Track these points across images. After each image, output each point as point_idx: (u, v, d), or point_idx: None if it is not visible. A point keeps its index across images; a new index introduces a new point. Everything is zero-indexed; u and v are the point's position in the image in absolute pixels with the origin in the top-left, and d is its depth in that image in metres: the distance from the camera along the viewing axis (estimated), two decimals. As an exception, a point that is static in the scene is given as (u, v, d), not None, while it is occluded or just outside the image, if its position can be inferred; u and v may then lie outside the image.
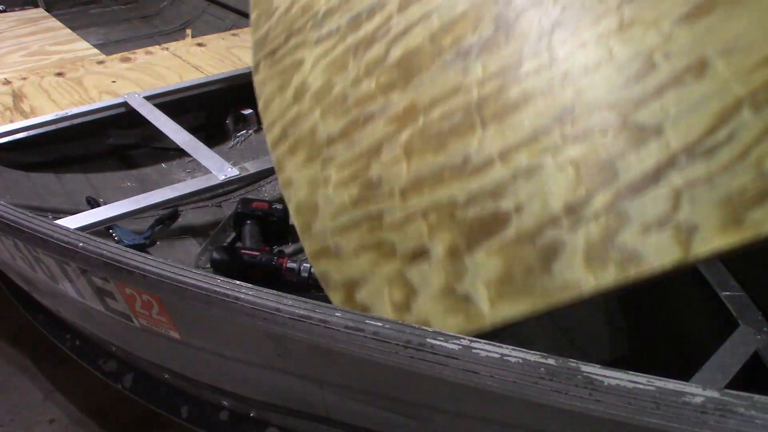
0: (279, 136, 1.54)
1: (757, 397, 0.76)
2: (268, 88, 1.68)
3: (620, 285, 0.96)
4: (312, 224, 1.33)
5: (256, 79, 1.75)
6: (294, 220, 1.37)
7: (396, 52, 1.44)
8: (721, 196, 0.92)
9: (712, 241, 0.91)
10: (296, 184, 1.42)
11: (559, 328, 1.91)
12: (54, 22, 3.72)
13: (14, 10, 3.95)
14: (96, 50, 3.29)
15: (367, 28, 1.55)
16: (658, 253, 0.94)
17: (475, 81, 1.27)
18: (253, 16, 1.96)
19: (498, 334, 1.07)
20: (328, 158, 1.40)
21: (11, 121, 2.43)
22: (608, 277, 0.96)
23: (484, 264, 1.08)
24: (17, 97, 2.65)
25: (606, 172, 1.03)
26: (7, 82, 2.78)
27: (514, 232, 1.07)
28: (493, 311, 1.04)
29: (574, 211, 1.03)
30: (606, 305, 1.92)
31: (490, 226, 1.10)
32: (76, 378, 2.21)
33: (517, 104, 1.19)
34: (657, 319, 1.78)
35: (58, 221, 1.73)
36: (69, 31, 3.59)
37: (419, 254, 1.16)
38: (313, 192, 1.38)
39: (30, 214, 1.33)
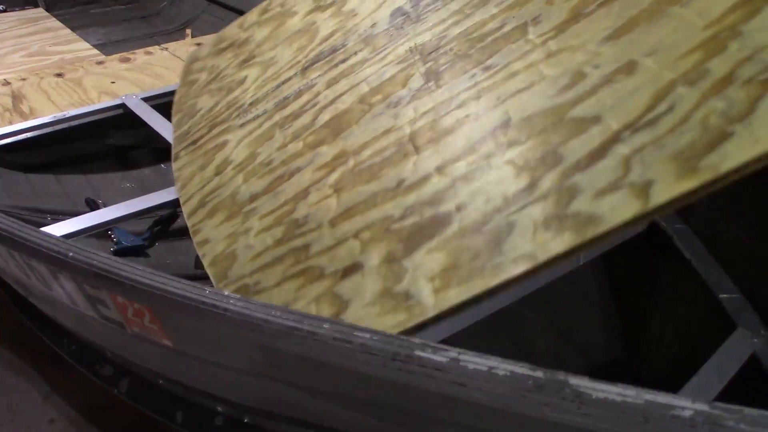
0: (197, 206, 1.58)
1: (747, 410, 0.75)
2: (188, 170, 1.74)
3: (579, 247, 0.96)
4: (228, 271, 1.34)
5: (176, 166, 1.81)
6: (209, 272, 1.38)
7: (324, 117, 1.52)
8: (671, 152, 0.96)
9: (670, 189, 0.93)
10: (213, 241, 1.44)
11: (559, 330, 1.91)
12: (54, 22, 3.73)
13: (14, 10, 3.96)
14: (96, 50, 3.30)
15: (295, 105, 1.64)
16: (616, 211, 0.95)
17: (407, 121, 1.33)
18: (175, 119, 2.05)
19: (497, 335, 1.08)
20: (250, 212, 1.43)
21: (10, 123, 2.44)
22: (564, 242, 0.97)
23: (425, 262, 1.08)
24: (16, 98, 2.65)
25: (550, 160, 1.07)
26: (6, 83, 2.78)
27: (458, 227, 1.09)
28: (438, 301, 1.03)
29: (520, 196, 1.06)
30: (605, 306, 1.91)
31: (429, 229, 1.12)
32: (75, 379, 2.21)
33: (452, 128, 1.26)
34: (655, 321, 1.77)
35: (57, 224, 1.73)
36: (69, 31, 3.59)
37: (351, 270, 1.16)
38: (231, 244, 1.40)
39: (20, 223, 1.33)
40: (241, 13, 3.83)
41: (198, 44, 3.21)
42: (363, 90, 1.51)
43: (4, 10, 3.93)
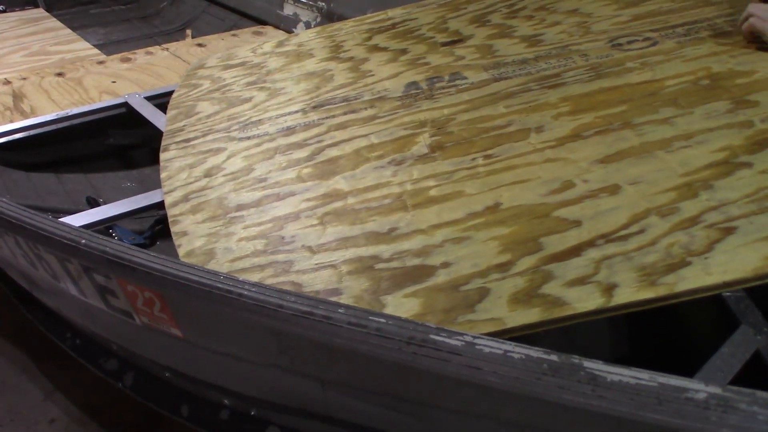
0: (180, 199, 1.62)
1: (759, 393, 0.76)
2: (177, 163, 1.79)
3: (544, 323, 1.09)
4: (204, 265, 1.36)
5: (164, 156, 1.85)
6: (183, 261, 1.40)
7: (327, 154, 1.64)
8: (636, 265, 1.12)
9: (631, 295, 1.08)
10: (192, 235, 1.47)
11: (559, 330, 1.91)
12: (54, 23, 3.74)
13: (15, 11, 3.96)
14: (96, 50, 3.30)
15: (300, 136, 1.75)
16: (581, 301, 1.09)
17: (407, 179, 1.48)
18: (170, 113, 2.14)
19: (498, 334, 1.11)
20: (236, 219, 1.49)
21: (11, 121, 2.44)
22: (532, 316, 1.09)
23: (402, 303, 1.17)
24: (17, 97, 2.65)
25: (531, 246, 1.22)
26: (7, 82, 2.78)
27: (440, 281, 1.20)
28: None
29: (500, 269, 1.19)
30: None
31: (412, 276, 1.22)
32: (76, 378, 2.21)
33: (447, 197, 1.40)
34: (657, 319, 1.78)
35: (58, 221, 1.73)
36: (69, 31, 3.60)
37: (330, 293, 1.22)
38: (211, 243, 1.43)
39: (32, 212, 1.33)
40: (241, 13, 3.86)
41: (199, 44, 3.22)
42: (367, 142, 1.66)
43: (5, 11, 3.93)
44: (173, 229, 1.51)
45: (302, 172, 1.59)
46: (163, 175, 1.75)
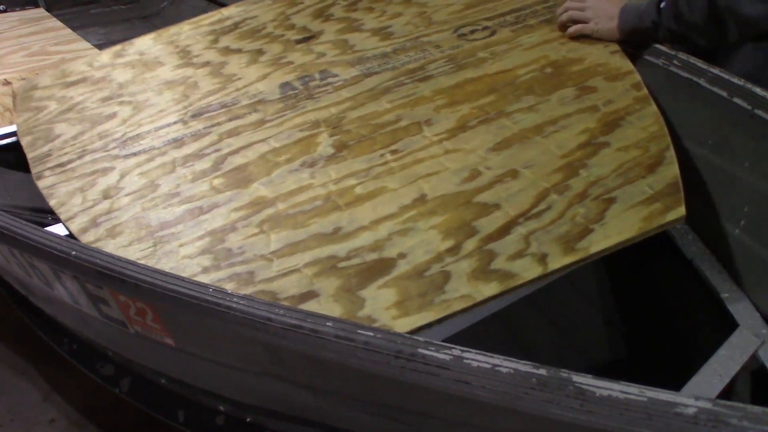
0: (89, 224, 1.53)
1: (750, 407, 0.75)
2: (63, 189, 1.68)
3: (504, 293, 1.22)
4: None
5: (43, 184, 1.74)
6: None
7: (233, 161, 1.63)
8: (555, 236, 1.31)
9: (560, 261, 1.26)
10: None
11: (559, 330, 1.91)
12: (54, 22, 3.72)
13: (15, 10, 3.94)
14: (96, 50, 3.28)
15: (192, 147, 1.71)
16: (526, 271, 1.25)
17: (328, 181, 1.52)
18: (25, 140, 2.01)
19: (497, 335, 1.12)
20: (167, 236, 1.43)
21: (11, 123, 2.43)
22: (494, 288, 1.22)
23: (379, 295, 1.22)
24: (17, 97, 2.64)
25: (467, 230, 1.35)
26: (7, 82, 2.78)
27: (403, 270, 1.28)
28: (399, 325, 1.18)
29: (451, 253, 1.30)
30: (605, 306, 1.92)
31: (376, 269, 1.28)
32: (75, 379, 2.21)
33: (374, 194, 1.47)
34: (656, 320, 1.77)
35: (58, 225, 1.73)
36: (69, 31, 3.58)
37: (307, 296, 1.24)
38: (154, 264, 1.36)
39: (23, 222, 1.32)
40: (241, 13, 3.83)
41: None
42: (269, 147, 1.66)
43: (5, 10, 3.92)
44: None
45: (214, 182, 1.55)
46: (52, 202, 1.64)
